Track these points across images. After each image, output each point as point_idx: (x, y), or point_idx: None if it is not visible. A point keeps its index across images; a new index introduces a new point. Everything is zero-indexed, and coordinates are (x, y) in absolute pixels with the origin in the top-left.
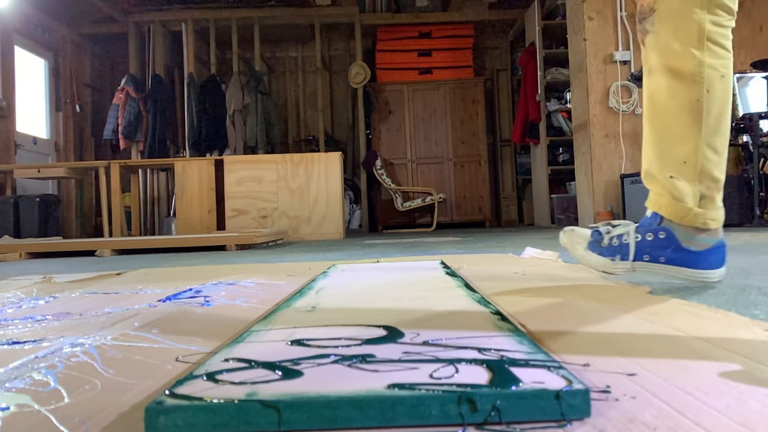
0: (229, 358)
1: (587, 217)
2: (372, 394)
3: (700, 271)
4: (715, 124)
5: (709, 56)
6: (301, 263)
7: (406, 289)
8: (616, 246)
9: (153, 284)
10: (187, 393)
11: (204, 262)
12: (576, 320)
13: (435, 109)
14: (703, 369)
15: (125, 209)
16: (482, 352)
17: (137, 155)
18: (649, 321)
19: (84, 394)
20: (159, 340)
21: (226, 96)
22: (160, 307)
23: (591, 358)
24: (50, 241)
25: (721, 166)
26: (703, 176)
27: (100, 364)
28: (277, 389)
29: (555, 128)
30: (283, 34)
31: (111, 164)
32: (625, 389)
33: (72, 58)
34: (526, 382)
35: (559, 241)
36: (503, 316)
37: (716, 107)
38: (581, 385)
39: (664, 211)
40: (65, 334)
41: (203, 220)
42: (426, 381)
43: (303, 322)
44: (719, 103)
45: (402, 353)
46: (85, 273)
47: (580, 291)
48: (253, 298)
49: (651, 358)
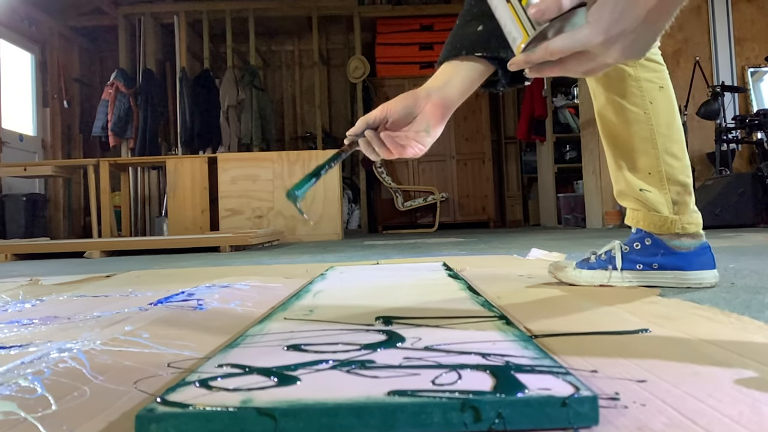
0: (223, 364)
1: (595, 218)
2: (372, 401)
3: (695, 272)
4: (668, 132)
5: (642, 71)
6: (297, 265)
7: (407, 291)
8: (605, 260)
9: (144, 287)
10: (179, 400)
11: (197, 264)
12: (583, 324)
13: None
14: (715, 375)
15: (115, 209)
16: (486, 357)
17: (127, 153)
18: (659, 325)
19: (72, 402)
20: (150, 345)
21: (220, 91)
22: (151, 310)
23: (599, 363)
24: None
25: (684, 171)
26: (670, 183)
27: (88, 370)
28: (273, 396)
29: (562, 125)
30: (279, 26)
31: (100, 162)
32: (635, 396)
33: (60, 52)
34: (532, 388)
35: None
36: (508, 320)
37: (664, 117)
38: (589, 391)
39: (643, 224)
40: (53, 339)
41: (196, 221)
42: (428, 387)
43: (300, 326)
44: (665, 112)
45: (403, 359)
46: (73, 275)
47: (588, 294)
48: (248, 301)
49: (661, 364)
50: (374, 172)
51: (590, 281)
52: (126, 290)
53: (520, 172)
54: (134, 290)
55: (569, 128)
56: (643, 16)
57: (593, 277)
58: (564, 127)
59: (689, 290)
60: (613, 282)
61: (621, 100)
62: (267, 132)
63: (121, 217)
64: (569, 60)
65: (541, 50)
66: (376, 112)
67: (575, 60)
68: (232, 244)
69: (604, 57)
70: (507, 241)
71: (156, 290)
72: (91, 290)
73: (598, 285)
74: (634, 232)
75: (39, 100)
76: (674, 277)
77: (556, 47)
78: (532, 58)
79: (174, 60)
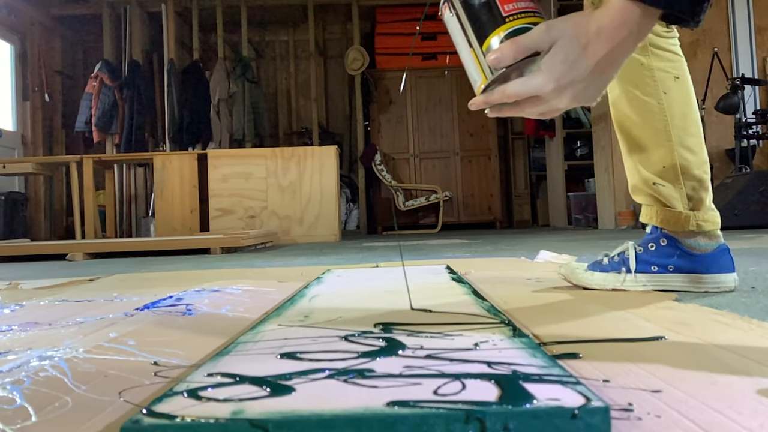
0: (213, 373)
1: (608, 218)
2: (370, 412)
3: (713, 276)
4: (683, 124)
5: (656, 60)
6: (292, 268)
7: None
8: (618, 261)
9: (130, 291)
10: (166, 411)
11: (186, 266)
12: (595, 331)
13: (440, 99)
14: (734, 385)
15: (99, 208)
16: (492, 366)
17: (112, 149)
18: (674, 331)
19: (53, 413)
20: (136, 353)
21: (210, 84)
22: (137, 316)
23: (611, 372)
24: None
25: (701, 165)
26: (686, 177)
27: (70, 379)
28: (265, 407)
29: (572, 119)
30: (272, 15)
31: (83, 159)
32: (649, 407)
33: (41, 43)
34: (540, 399)
35: (558, 274)
36: (515, 327)
37: (678, 108)
38: (600, 402)
39: (656, 220)
40: (33, 346)
41: (185, 221)
42: (430, 398)
43: (294, 332)
44: (680, 103)
45: (403, 367)
46: (54, 279)
47: (600, 299)
48: (240, 306)
49: (677, 373)
50: (373, 170)
51: (602, 284)
52: (111, 295)
53: (527, 170)
54: (119, 295)
55: (580, 123)
56: (591, 66)
57: (605, 280)
58: (575, 122)
59: (707, 295)
60: (627, 285)
61: (634, 90)
62: (260, 127)
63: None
64: (525, 103)
65: (498, 93)
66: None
67: (530, 103)
68: (223, 245)
69: (556, 102)
70: (514, 242)
71: (142, 295)
72: (73, 295)
73: (610, 289)
74: (648, 232)
75: (19, 94)
76: (691, 281)
77: (511, 91)
78: (490, 99)
79: (162, 51)
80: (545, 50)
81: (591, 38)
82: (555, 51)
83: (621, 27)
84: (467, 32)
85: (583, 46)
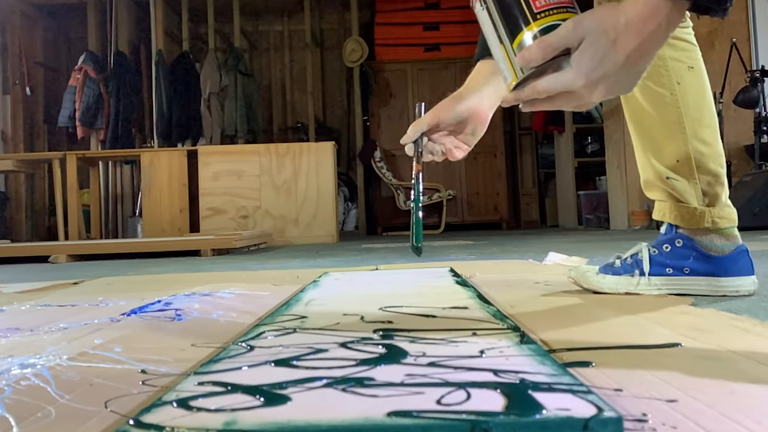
0: (204, 382)
1: (620, 218)
2: (370, 422)
3: (731, 279)
4: (698, 115)
5: (668, 50)
6: (287, 271)
7: (410, 300)
8: (631, 264)
9: (116, 295)
10: (155, 422)
11: (175, 269)
12: (607, 337)
13: (443, 92)
14: (754, 394)
15: (83, 208)
16: (498, 374)
17: (97, 145)
18: (691, 338)
19: (35, 423)
20: (123, 360)
21: (201, 77)
22: (124, 321)
23: (624, 381)
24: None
25: (717, 159)
26: (700, 171)
27: (54, 388)
28: (259, 417)
29: (583, 114)
30: (266, 4)
31: (67, 156)
32: (664, 418)
33: (22, 33)
34: (550, 409)
35: (568, 277)
36: (522, 333)
37: (692, 98)
38: (613, 412)
39: (669, 216)
40: (14, 354)
41: (174, 221)
42: (433, 408)
43: (290, 339)
44: (694, 93)
45: (405, 375)
46: (37, 282)
47: (612, 303)
48: (232, 311)
49: (694, 382)
50: (373, 167)
51: (615, 288)
52: (96, 299)
53: (535, 167)
54: (105, 299)
55: (591, 118)
56: (622, 60)
57: (618, 283)
58: (585, 117)
59: (725, 299)
60: (640, 289)
61: (646, 81)
62: (253, 122)
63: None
64: (558, 97)
65: (529, 89)
66: (426, 117)
67: (563, 98)
68: (215, 247)
69: (588, 97)
70: (521, 243)
71: (129, 299)
72: (56, 299)
73: (623, 292)
74: (663, 232)
75: None
76: (708, 284)
77: (542, 88)
78: (520, 96)
79: (149, 42)
80: (575, 47)
81: (620, 32)
82: (584, 47)
83: (649, 19)
84: (498, 28)
85: (612, 41)
